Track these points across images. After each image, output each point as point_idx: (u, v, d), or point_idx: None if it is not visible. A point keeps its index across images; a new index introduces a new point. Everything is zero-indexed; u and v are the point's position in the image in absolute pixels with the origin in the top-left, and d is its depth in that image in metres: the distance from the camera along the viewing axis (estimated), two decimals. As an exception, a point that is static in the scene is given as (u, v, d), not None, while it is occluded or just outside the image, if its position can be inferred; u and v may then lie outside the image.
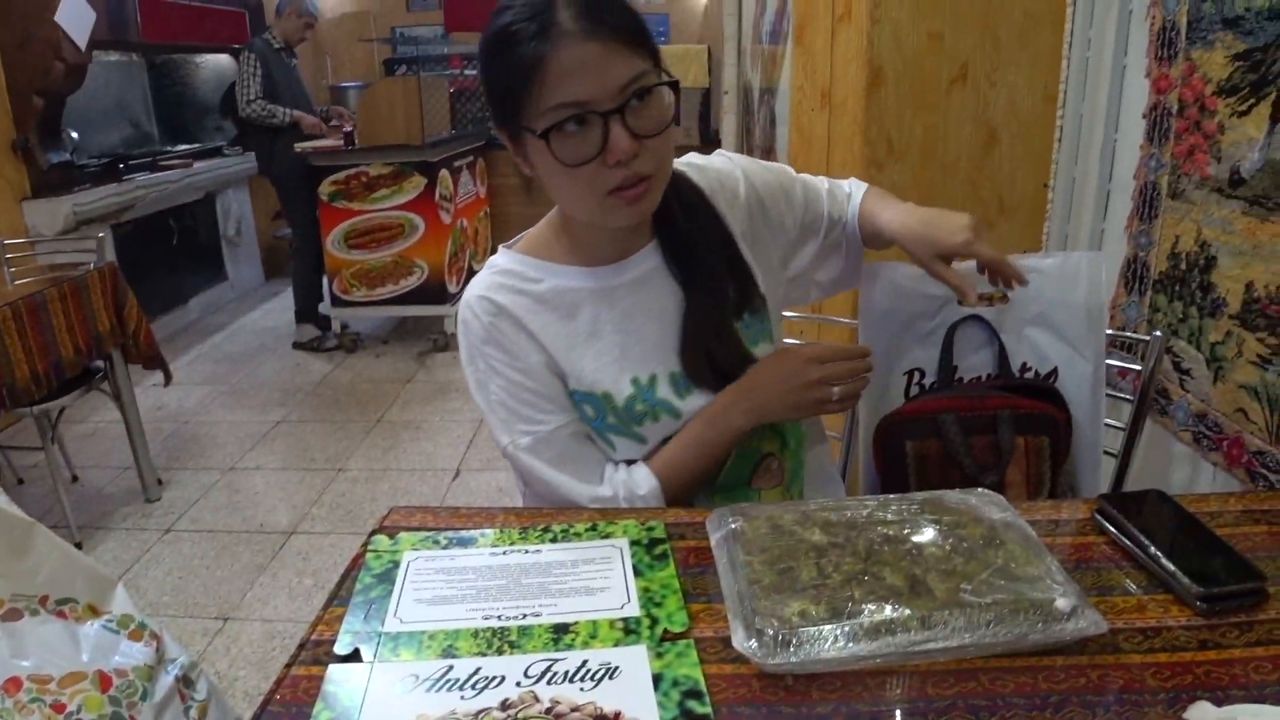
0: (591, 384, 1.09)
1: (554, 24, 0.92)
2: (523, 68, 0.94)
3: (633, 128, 0.94)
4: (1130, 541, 0.88)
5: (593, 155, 0.95)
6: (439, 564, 0.89)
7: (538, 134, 0.95)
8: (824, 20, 2.22)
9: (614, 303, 1.10)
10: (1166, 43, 1.57)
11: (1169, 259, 1.56)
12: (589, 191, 0.98)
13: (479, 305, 1.10)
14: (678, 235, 1.12)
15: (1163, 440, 1.58)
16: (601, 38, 0.92)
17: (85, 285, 2.79)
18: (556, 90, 0.93)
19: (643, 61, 0.95)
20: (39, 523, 0.83)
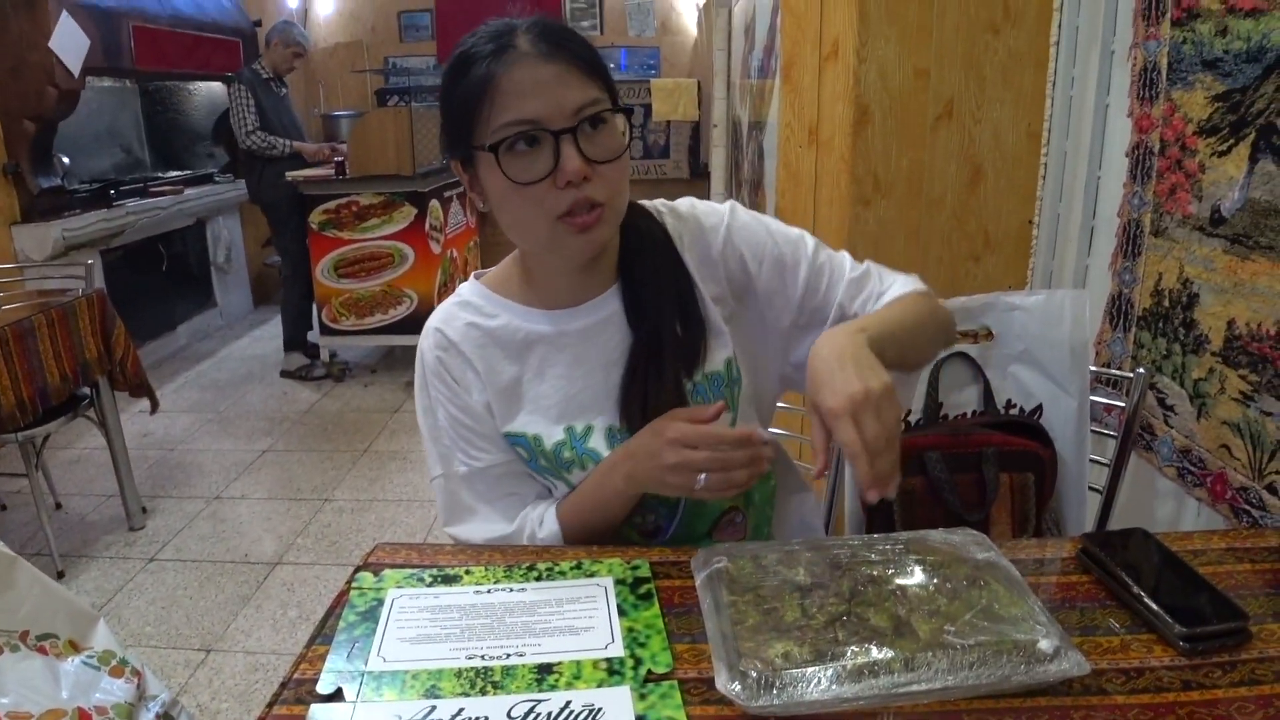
0: (524, 425, 1.08)
1: (511, 46, 0.94)
2: (477, 86, 0.95)
3: (585, 151, 0.94)
4: (1114, 581, 0.88)
5: (543, 175, 0.94)
6: (423, 602, 0.89)
7: (487, 148, 0.95)
8: (811, 58, 2.25)
9: (564, 347, 1.09)
10: (1148, 83, 1.60)
11: (1152, 296, 1.58)
12: (539, 215, 0.97)
13: (433, 337, 1.11)
14: (640, 284, 1.09)
15: (1148, 476, 1.59)
16: (557, 61, 0.94)
17: (73, 312, 2.78)
18: (509, 108, 0.93)
19: (598, 91, 0.96)
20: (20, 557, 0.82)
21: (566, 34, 0.98)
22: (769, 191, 3.18)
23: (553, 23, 0.99)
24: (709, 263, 1.11)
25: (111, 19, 4.44)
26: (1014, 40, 1.95)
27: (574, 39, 0.98)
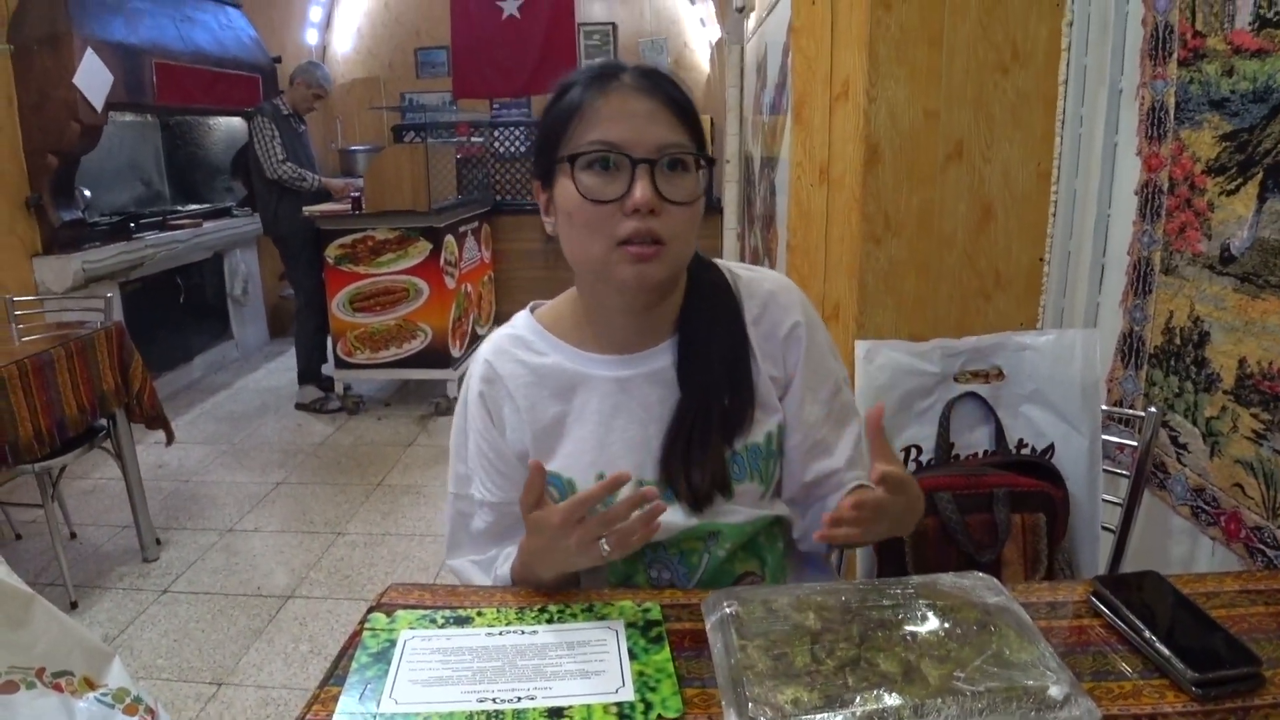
0: (560, 467, 1.09)
1: (614, 78, 1.00)
2: (571, 106, 1.00)
3: (659, 186, 0.96)
4: (1125, 625, 0.88)
5: (614, 197, 0.97)
6: (435, 644, 0.89)
7: (567, 158, 0.99)
8: (821, 98, 2.27)
9: (610, 394, 1.09)
10: (1156, 122, 1.61)
11: (1164, 334, 1.58)
12: (601, 236, 0.98)
13: (482, 368, 1.13)
14: (696, 344, 1.09)
15: (1162, 515, 1.58)
16: (653, 97, 0.98)
17: (91, 344, 2.82)
18: (597, 128, 0.98)
19: (685, 136, 0.99)
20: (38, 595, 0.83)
21: (668, 79, 1.02)
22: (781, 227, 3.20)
23: (658, 70, 1.03)
24: (773, 340, 1.12)
25: (134, 55, 4.52)
26: (1023, 80, 1.97)
27: (675, 85, 1.02)
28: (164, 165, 5.84)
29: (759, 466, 1.09)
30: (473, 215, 5.09)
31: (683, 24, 7.28)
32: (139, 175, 5.61)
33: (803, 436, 1.12)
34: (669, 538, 1.08)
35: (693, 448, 1.06)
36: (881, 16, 1.96)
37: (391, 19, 7.51)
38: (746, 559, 1.12)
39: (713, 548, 1.09)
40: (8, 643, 0.81)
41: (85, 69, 4.11)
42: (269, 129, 4.53)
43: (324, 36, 7.54)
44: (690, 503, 1.06)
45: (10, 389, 2.45)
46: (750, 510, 1.09)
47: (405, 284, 4.52)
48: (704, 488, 1.05)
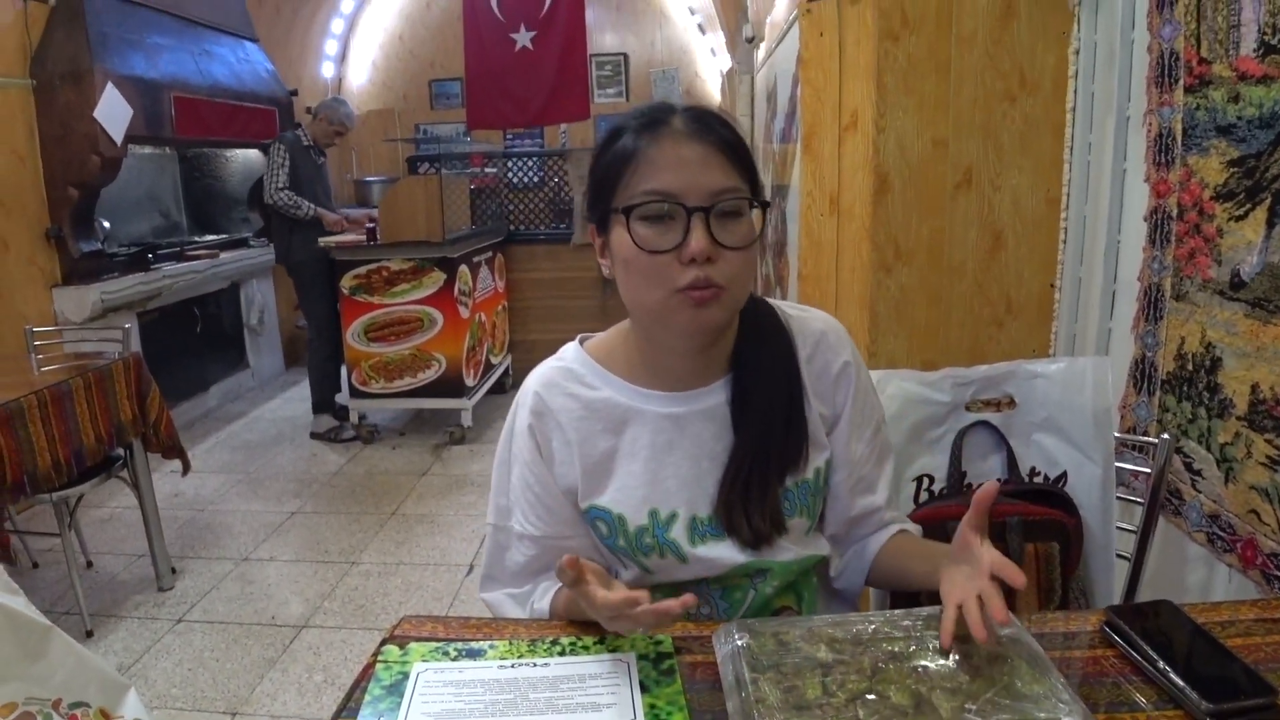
0: (610, 502, 1.09)
1: (665, 123, 0.99)
2: (624, 153, 1.00)
3: (714, 233, 0.96)
4: (1139, 655, 0.88)
5: (670, 247, 0.97)
6: (448, 676, 0.89)
7: (622, 210, 0.99)
8: (831, 129, 2.29)
9: (662, 430, 1.09)
10: (1164, 149, 1.61)
11: (1176, 359, 1.58)
12: (659, 285, 0.99)
13: (532, 398, 1.13)
14: (749, 382, 1.10)
15: (1177, 541, 1.57)
16: (705, 142, 0.98)
17: (109, 375, 2.84)
18: (651, 177, 0.98)
19: (739, 180, 0.99)
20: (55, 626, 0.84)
21: (720, 121, 1.01)
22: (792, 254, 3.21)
23: (708, 109, 1.03)
24: (824, 379, 1.13)
25: (154, 90, 4.59)
26: (1031, 108, 1.98)
27: (726, 127, 1.01)
28: (182, 197, 5.91)
29: (807, 502, 1.11)
30: (486, 245, 5.12)
31: (693, 54, 7.36)
32: (157, 206, 5.68)
33: (848, 473, 1.14)
34: (717, 575, 1.09)
35: (751, 489, 1.06)
36: (889, 48, 1.98)
37: (406, 52, 7.62)
38: (785, 595, 1.13)
39: (759, 584, 1.10)
40: (26, 674, 0.82)
41: (106, 103, 4.18)
42: (280, 156, 4.59)
43: (340, 69, 7.64)
44: (749, 543, 1.07)
45: (29, 419, 2.48)
46: (799, 549, 1.10)
47: (419, 314, 4.54)
48: (764, 529, 1.06)
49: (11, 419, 2.41)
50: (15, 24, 4.00)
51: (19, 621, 0.82)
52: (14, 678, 0.81)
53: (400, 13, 7.58)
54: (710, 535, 1.08)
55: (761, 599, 1.10)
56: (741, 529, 1.06)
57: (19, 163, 4.05)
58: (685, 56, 7.38)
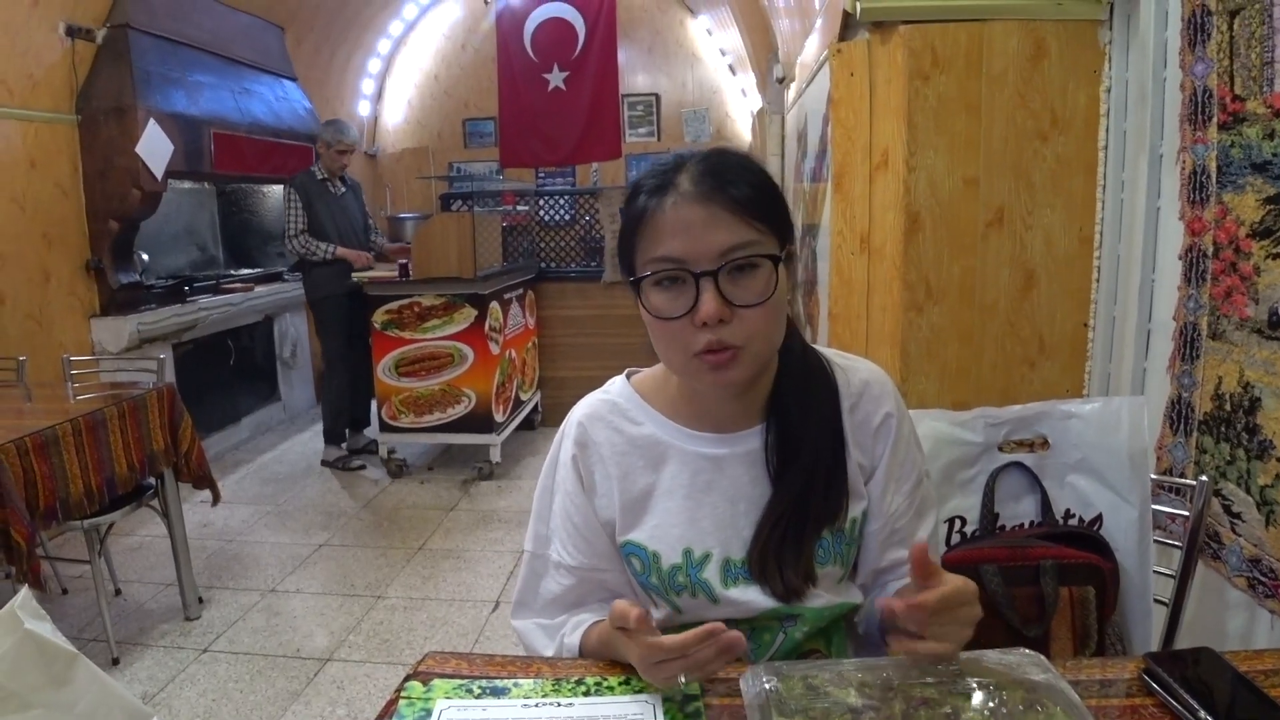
0: (646, 539, 1.09)
1: (672, 184, 0.98)
2: (636, 218, 1.00)
3: (727, 294, 0.95)
4: (1179, 704, 0.85)
5: (681, 313, 0.97)
6: (471, 715, 0.88)
7: (635, 279, 1.00)
8: (862, 168, 2.29)
9: (700, 470, 1.09)
10: (1198, 186, 1.60)
11: (1213, 400, 1.55)
12: (678, 349, 0.99)
13: (576, 429, 1.13)
14: (788, 429, 1.09)
15: (1217, 586, 1.53)
16: (712, 203, 0.96)
17: (143, 404, 2.88)
18: (658, 244, 0.97)
19: (753, 233, 0.96)
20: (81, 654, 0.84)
21: (734, 172, 0.98)
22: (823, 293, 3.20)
23: (723, 159, 1.01)
24: (865, 430, 1.11)
25: (194, 126, 4.69)
26: (1062, 147, 1.98)
27: (740, 178, 0.98)
28: (219, 231, 6.02)
29: (841, 551, 1.09)
30: (518, 282, 5.16)
31: (724, 94, 7.42)
32: (195, 240, 5.79)
33: (883, 524, 1.12)
34: (747, 618, 1.08)
35: (786, 543, 1.05)
36: (920, 87, 1.98)
37: (441, 91, 7.75)
38: (814, 639, 1.12)
39: (789, 629, 1.09)
40: (49, 701, 0.82)
41: (148, 139, 4.28)
42: (292, 200, 4.67)
43: (376, 108, 7.79)
44: (780, 596, 1.06)
45: (63, 446, 2.51)
46: (831, 596, 1.09)
47: (450, 349, 4.57)
48: (795, 583, 1.05)
49: (46, 446, 2.45)
50: (63, 61, 4.12)
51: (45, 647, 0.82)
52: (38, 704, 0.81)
53: (435, 53, 7.72)
54: (743, 578, 1.07)
55: (791, 643, 1.09)
56: (774, 581, 1.05)
57: (62, 196, 4.15)
58: (716, 97, 7.45)
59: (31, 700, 0.80)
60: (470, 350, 4.54)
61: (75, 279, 4.22)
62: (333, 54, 6.93)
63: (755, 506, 1.08)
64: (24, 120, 3.91)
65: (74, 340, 4.14)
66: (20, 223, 3.89)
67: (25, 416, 2.66)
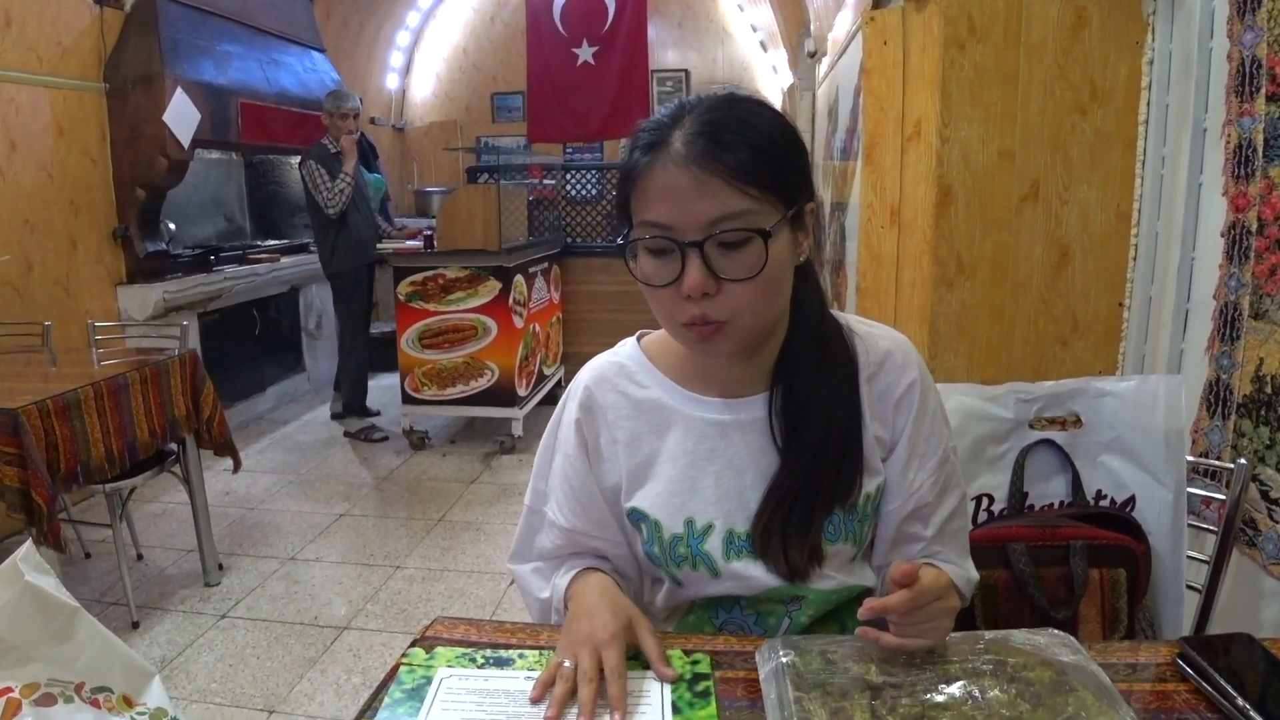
0: (649, 506, 1.05)
1: (665, 141, 0.91)
2: (629, 173, 0.95)
3: (714, 266, 0.90)
4: (1215, 690, 0.82)
5: (667, 282, 0.92)
6: (472, 684, 0.86)
7: (625, 241, 0.96)
8: (894, 139, 2.24)
9: (704, 437, 1.05)
10: (1243, 160, 1.54)
11: (1253, 382, 1.50)
12: (667, 316, 0.96)
13: (582, 395, 1.10)
14: (796, 395, 1.03)
15: (1251, 574, 1.49)
16: (701, 168, 0.89)
17: (166, 370, 2.88)
18: (647, 207, 0.92)
19: (746, 201, 0.89)
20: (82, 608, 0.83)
21: (732, 133, 0.90)
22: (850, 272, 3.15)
23: (724, 115, 0.92)
24: (885, 401, 1.06)
25: (222, 96, 4.69)
26: (1102, 120, 1.92)
27: (739, 140, 0.90)
28: (246, 201, 6.03)
29: (854, 529, 1.04)
30: (543, 256, 5.13)
31: (754, 71, 7.33)
32: (222, 210, 5.80)
33: (903, 502, 1.06)
34: (752, 594, 1.03)
35: (792, 519, 1.00)
36: (955, 56, 1.93)
37: (470, 65, 7.72)
38: (827, 623, 1.07)
39: (794, 612, 1.04)
40: (50, 656, 0.80)
41: (175, 107, 4.28)
42: (318, 171, 4.61)
43: (404, 81, 7.76)
44: (783, 575, 1.01)
45: (85, 409, 2.52)
46: (841, 577, 1.04)
47: (474, 322, 4.56)
48: (800, 563, 1.00)
49: (68, 409, 2.45)
50: (91, 29, 4.12)
51: (46, 601, 0.80)
52: (39, 658, 0.80)
53: (464, 27, 7.68)
54: (746, 552, 1.02)
55: (797, 627, 1.05)
56: (777, 560, 1.00)
57: (90, 164, 4.16)
58: (746, 73, 7.37)
59: (31, 654, 0.79)
60: (494, 323, 4.53)
61: (102, 247, 4.24)
62: (361, 26, 6.90)
63: (762, 478, 1.03)
64: (53, 88, 3.91)
65: (100, 308, 4.16)
66: (49, 190, 3.90)
67: (49, 380, 2.68)
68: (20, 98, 3.73)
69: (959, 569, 1.05)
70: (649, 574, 1.10)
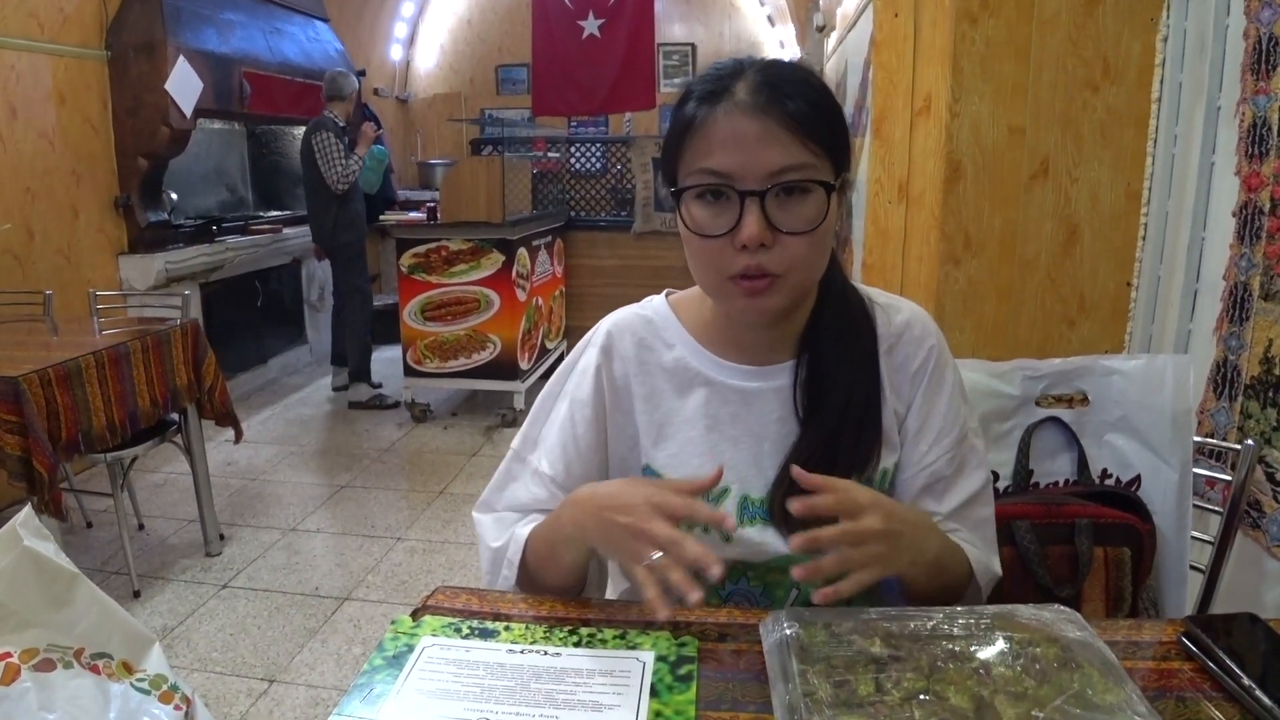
0: (665, 465, 1.04)
1: (727, 92, 0.91)
2: (685, 124, 0.93)
3: (772, 218, 0.89)
4: (1220, 669, 0.81)
5: (722, 232, 0.91)
6: (453, 654, 0.85)
7: (674, 191, 0.94)
8: (903, 113, 2.21)
9: (727, 401, 1.04)
10: (1257, 139, 1.52)
11: (1261, 363, 1.49)
12: (713, 269, 0.94)
13: (605, 338, 1.08)
14: (821, 367, 1.02)
15: (1255, 556, 1.48)
16: (769, 117, 0.89)
17: (167, 340, 2.88)
18: (706, 155, 0.91)
19: (807, 155, 0.89)
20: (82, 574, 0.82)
21: (793, 86, 0.91)
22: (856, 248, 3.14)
23: (784, 70, 0.93)
24: (903, 374, 1.05)
25: (225, 65, 4.66)
26: (1114, 98, 1.89)
27: (800, 93, 0.90)
28: (248, 172, 6.00)
29: None
30: (546, 230, 5.11)
31: (762, 46, 7.28)
32: (224, 181, 5.77)
33: (912, 475, 1.05)
34: (760, 562, 1.03)
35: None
36: (966, 30, 1.90)
37: (474, 36, 7.66)
38: None
39: (802, 584, 1.03)
40: (49, 621, 0.80)
41: (177, 76, 4.25)
42: (333, 142, 4.55)
43: (408, 52, 7.71)
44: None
45: (86, 378, 2.52)
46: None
47: (477, 295, 4.55)
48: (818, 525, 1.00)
49: (69, 377, 2.45)
50: (94, -5, 4.08)
51: (45, 566, 0.80)
52: (38, 624, 0.79)
53: (470, -3, 7.61)
54: (760, 518, 1.02)
55: (804, 600, 1.04)
56: (795, 529, 0.98)
57: (92, 132, 4.14)
58: (754, 49, 7.30)
59: (30, 619, 0.78)
60: (497, 296, 4.52)
61: (104, 216, 4.22)
62: (365, -5, 6.85)
63: (780, 447, 1.02)
64: (54, 55, 3.89)
65: (102, 277, 4.16)
66: (50, 158, 3.88)
67: (51, 349, 2.67)
68: (21, 65, 3.71)
69: (979, 553, 1.04)
70: None
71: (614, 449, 1.08)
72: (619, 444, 1.08)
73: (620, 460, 1.08)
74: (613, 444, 1.08)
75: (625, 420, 1.07)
